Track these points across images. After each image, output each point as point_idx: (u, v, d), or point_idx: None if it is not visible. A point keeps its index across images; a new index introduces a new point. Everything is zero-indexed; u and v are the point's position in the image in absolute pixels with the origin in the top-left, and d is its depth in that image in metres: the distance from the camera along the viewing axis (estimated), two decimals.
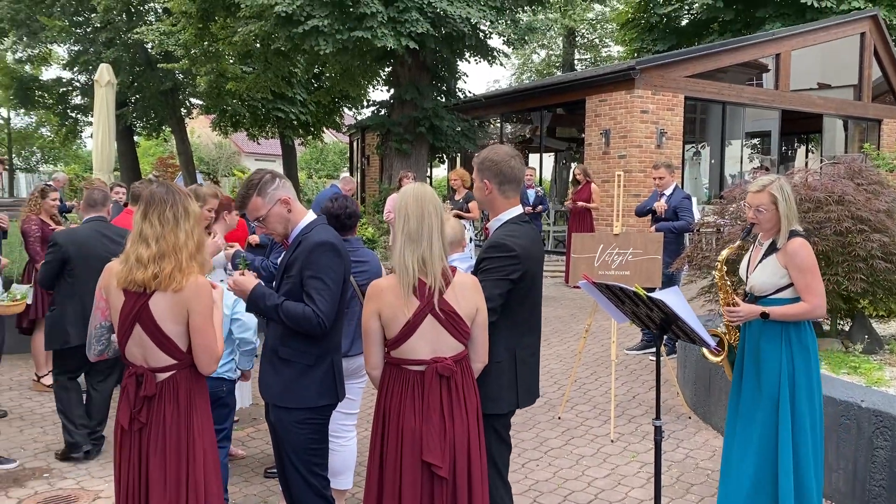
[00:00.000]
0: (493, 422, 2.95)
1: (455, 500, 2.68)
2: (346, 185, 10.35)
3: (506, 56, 17.59)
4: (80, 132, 27.46)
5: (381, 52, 14.55)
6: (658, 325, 3.17)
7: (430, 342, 2.69)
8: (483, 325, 2.79)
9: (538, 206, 10.97)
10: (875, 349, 5.16)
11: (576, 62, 34.51)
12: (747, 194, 3.61)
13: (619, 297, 3.19)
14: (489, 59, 15.98)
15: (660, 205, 7.33)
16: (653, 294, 2.97)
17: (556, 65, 35.83)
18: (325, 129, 25.76)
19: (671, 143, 13.87)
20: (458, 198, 9.80)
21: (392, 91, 16.82)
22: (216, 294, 2.80)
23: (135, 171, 24.67)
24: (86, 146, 36.98)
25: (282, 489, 3.21)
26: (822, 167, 6.10)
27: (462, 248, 4.33)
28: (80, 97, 25.30)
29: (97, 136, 11.74)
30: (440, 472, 2.63)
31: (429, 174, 19.21)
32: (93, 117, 12.89)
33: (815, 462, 3.42)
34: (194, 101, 24.84)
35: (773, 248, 3.51)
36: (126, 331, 2.69)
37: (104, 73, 11.74)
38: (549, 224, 15.38)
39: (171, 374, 2.70)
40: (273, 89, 17.75)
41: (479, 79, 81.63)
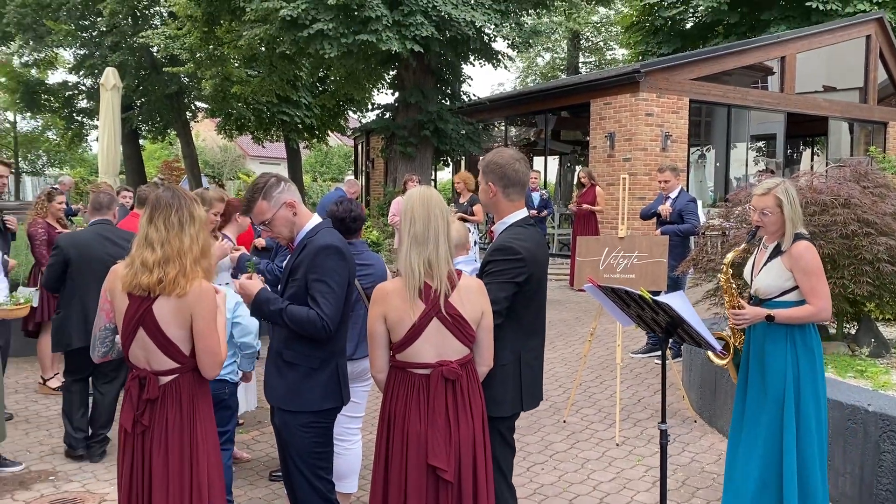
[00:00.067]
0: (497, 424, 2.95)
1: (460, 503, 2.68)
2: (351, 187, 10.37)
3: (510, 59, 17.61)
4: (86, 136, 27.53)
5: (385, 56, 14.57)
6: (664, 329, 3.17)
7: (435, 346, 2.69)
8: (488, 328, 2.79)
9: (543, 210, 10.95)
10: (881, 353, 5.14)
11: (580, 65, 34.48)
12: (752, 197, 3.60)
13: (624, 300, 3.18)
14: (494, 62, 15.99)
15: (664, 208, 7.32)
16: (658, 297, 2.96)
17: (561, 68, 35.80)
18: (329, 133, 25.78)
19: (676, 146, 13.84)
20: (462, 201, 9.80)
21: (396, 94, 16.84)
22: (219, 299, 2.81)
23: (140, 175, 24.73)
24: (91, 150, 37.03)
25: (287, 492, 3.21)
26: (827, 170, 6.09)
27: (466, 250, 4.33)
28: (85, 101, 25.38)
29: (103, 140, 11.77)
30: (445, 475, 2.62)
31: (433, 177, 19.22)
32: (98, 121, 12.93)
33: (821, 465, 3.41)
34: (199, 104, 24.91)
35: (777, 251, 3.51)
36: (130, 334, 2.70)
37: (110, 76, 11.78)
38: (553, 227, 15.36)
39: (173, 377, 2.71)
40: (278, 93, 17.81)
41: (483, 82, 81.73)
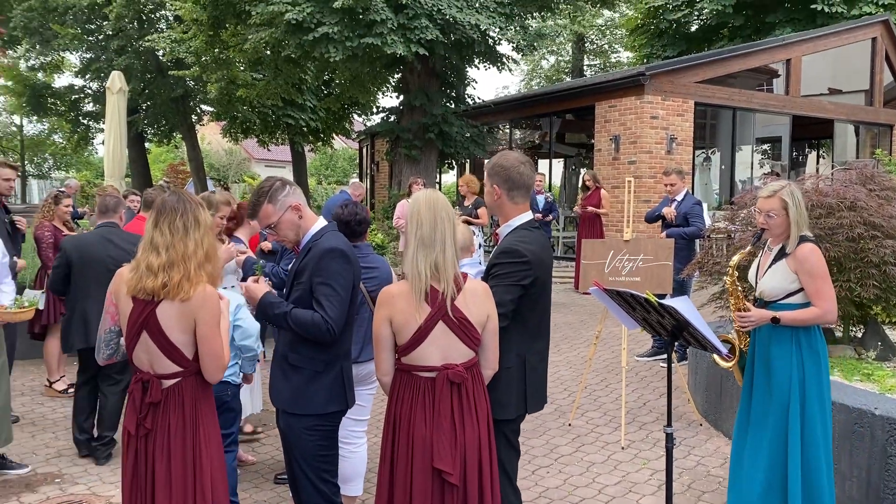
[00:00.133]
0: (502, 427, 2.94)
1: None
2: (356, 190, 10.42)
3: (515, 62, 17.62)
4: (92, 139, 27.68)
5: (390, 59, 14.60)
6: (669, 332, 3.16)
7: (441, 349, 2.69)
8: (494, 331, 2.79)
9: (549, 213, 10.95)
10: (888, 356, 5.12)
11: (585, 68, 34.48)
12: (758, 200, 3.60)
13: (630, 303, 3.18)
14: (498, 65, 16.00)
15: (669, 210, 7.31)
16: (664, 301, 2.96)
17: (566, 71, 35.80)
18: (334, 136, 25.85)
19: (681, 148, 13.82)
20: (467, 204, 9.80)
21: (401, 97, 16.87)
22: (223, 305, 2.82)
23: (146, 178, 24.83)
24: (97, 153, 37.23)
25: (292, 495, 3.21)
26: (833, 173, 6.07)
27: (471, 253, 4.33)
28: (91, 104, 25.51)
29: (109, 143, 11.83)
30: (451, 478, 2.62)
31: (438, 180, 19.23)
32: (104, 124, 13.00)
33: (827, 468, 3.40)
34: (205, 107, 25.00)
35: (782, 254, 3.50)
36: (133, 337, 2.71)
37: (116, 80, 11.84)
38: (558, 230, 15.35)
39: (176, 381, 2.71)
40: (283, 96, 17.84)
41: (488, 85, 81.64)
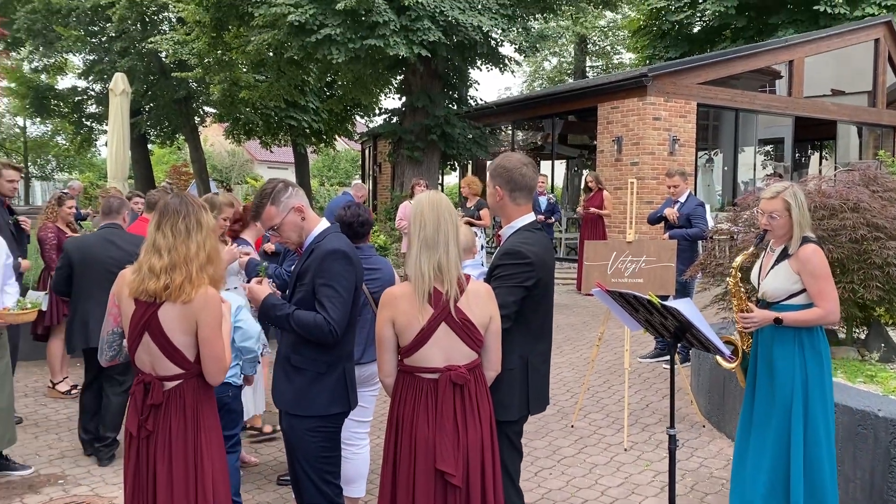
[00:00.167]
0: (504, 428, 2.94)
1: None
2: (358, 191, 10.42)
3: (517, 64, 17.65)
4: (95, 140, 27.73)
5: (393, 61, 14.61)
6: (672, 334, 3.16)
7: (443, 350, 2.69)
8: (496, 333, 2.79)
9: (551, 215, 10.95)
10: (892, 357, 5.11)
11: (587, 69, 34.48)
12: (760, 201, 3.60)
13: (632, 304, 3.18)
14: (501, 66, 16.01)
15: (671, 211, 7.31)
16: (666, 302, 2.96)
17: (568, 72, 35.81)
18: (337, 137, 25.87)
19: (684, 150, 13.81)
20: (469, 205, 9.80)
21: (404, 99, 16.88)
22: (225, 308, 2.82)
23: (149, 179, 24.86)
24: (100, 154, 37.28)
25: (294, 497, 3.21)
26: (836, 174, 6.06)
27: (472, 255, 4.33)
28: (94, 106, 25.55)
29: (112, 145, 11.85)
30: (454, 480, 2.62)
31: (440, 181, 19.24)
32: (107, 126, 13.02)
33: (830, 468, 3.40)
34: (208, 109, 25.04)
35: (784, 255, 3.51)
36: (135, 339, 2.72)
37: (119, 82, 11.86)
38: (560, 231, 15.35)
39: (177, 383, 2.72)
40: (286, 98, 17.87)
41: (490, 86, 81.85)
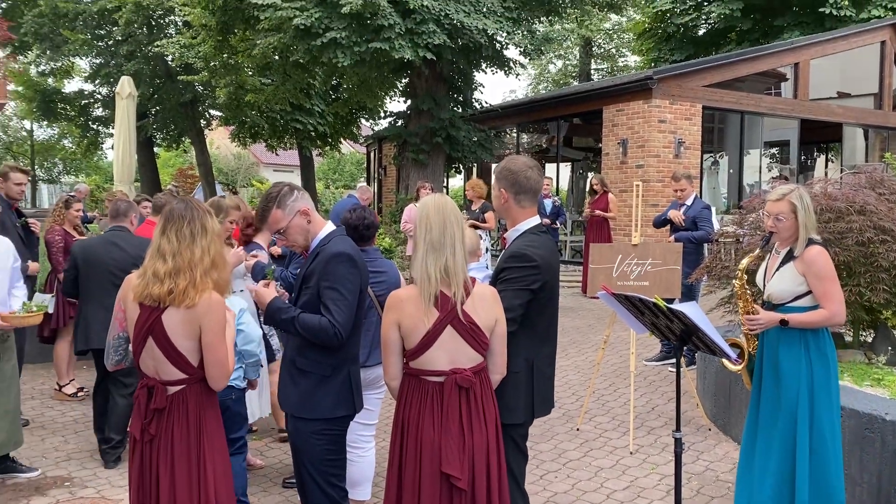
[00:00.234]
0: (510, 432, 2.95)
1: None
2: (363, 194, 10.45)
3: (522, 66, 17.63)
4: (102, 144, 27.79)
5: (398, 64, 14.64)
6: (678, 337, 3.16)
7: (449, 353, 2.69)
8: (502, 336, 2.79)
9: (556, 217, 10.94)
10: None
11: (592, 72, 34.45)
12: (766, 203, 3.60)
13: (638, 308, 3.18)
14: (506, 69, 16.02)
15: (675, 214, 7.29)
16: (672, 305, 2.96)
17: (573, 75, 35.79)
18: (342, 140, 25.90)
19: (689, 152, 13.80)
20: (474, 208, 9.80)
21: (409, 102, 16.91)
22: (228, 315, 2.83)
23: (155, 183, 24.92)
24: (107, 157, 37.42)
25: (300, 499, 3.21)
26: (842, 177, 6.04)
27: (477, 257, 4.33)
28: (101, 109, 25.62)
29: (118, 148, 11.89)
30: (459, 483, 2.62)
31: (445, 184, 19.24)
32: (114, 129, 13.06)
33: (836, 470, 3.39)
34: (214, 112, 25.07)
35: (790, 256, 3.50)
36: (140, 343, 2.73)
37: (125, 85, 11.91)
38: (566, 234, 15.33)
39: (181, 387, 2.73)
40: (291, 101, 17.92)
41: (495, 89, 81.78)
